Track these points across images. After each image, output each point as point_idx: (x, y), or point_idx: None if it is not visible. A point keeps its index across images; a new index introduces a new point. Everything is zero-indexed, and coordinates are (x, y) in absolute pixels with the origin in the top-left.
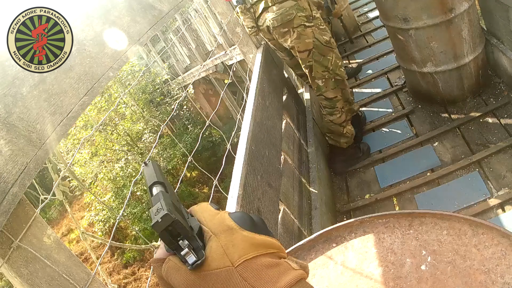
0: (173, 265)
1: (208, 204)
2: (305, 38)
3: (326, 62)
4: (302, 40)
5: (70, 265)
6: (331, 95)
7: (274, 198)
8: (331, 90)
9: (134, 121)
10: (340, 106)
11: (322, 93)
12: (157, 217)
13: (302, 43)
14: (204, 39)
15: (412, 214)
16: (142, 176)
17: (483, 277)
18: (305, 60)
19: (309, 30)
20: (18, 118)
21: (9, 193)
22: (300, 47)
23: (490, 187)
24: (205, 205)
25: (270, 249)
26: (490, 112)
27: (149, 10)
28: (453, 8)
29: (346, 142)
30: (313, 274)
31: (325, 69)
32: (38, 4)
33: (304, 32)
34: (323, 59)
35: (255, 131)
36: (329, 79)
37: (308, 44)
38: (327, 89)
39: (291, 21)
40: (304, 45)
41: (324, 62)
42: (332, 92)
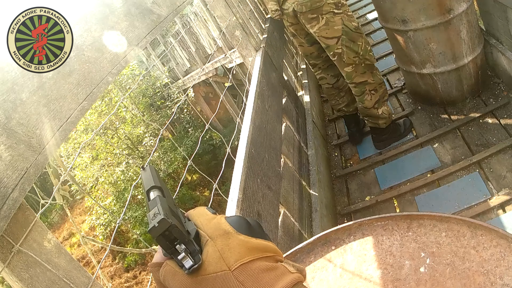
0: (170, 269)
1: (205, 208)
2: (334, 25)
3: (357, 47)
4: (331, 27)
5: (70, 269)
6: (360, 79)
7: (274, 201)
8: (360, 75)
9: (134, 125)
10: (370, 89)
11: (352, 80)
12: (154, 221)
13: (331, 29)
14: (204, 42)
15: (410, 216)
16: (142, 181)
17: (482, 278)
18: (333, 47)
19: (338, 17)
20: (18, 124)
21: (10, 198)
22: (329, 33)
23: (491, 187)
24: (202, 209)
25: (267, 252)
26: (490, 112)
27: (148, 14)
28: (451, 9)
29: (384, 123)
30: (312, 277)
31: (356, 55)
32: (38, 4)
33: (333, 19)
34: (354, 45)
35: (254, 134)
36: (359, 65)
37: (337, 31)
38: (356, 74)
39: (320, 7)
40: (332, 31)
41: (354, 47)
42: (361, 77)
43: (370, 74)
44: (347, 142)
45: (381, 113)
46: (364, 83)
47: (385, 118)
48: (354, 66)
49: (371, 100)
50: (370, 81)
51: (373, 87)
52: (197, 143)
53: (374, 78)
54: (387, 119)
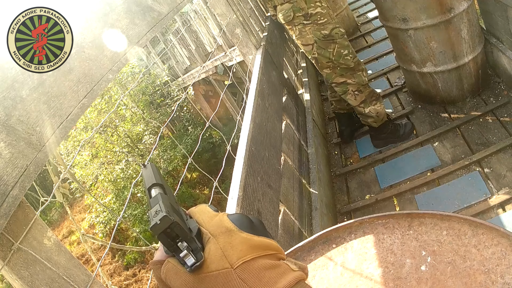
0: (172, 267)
1: (207, 206)
2: (306, 34)
3: (328, 54)
4: (304, 36)
5: (70, 267)
6: (340, 79)
7: (274, 199)
8: (340, 76)
9: (134, 123)
10: (353, 89)
11: (332, 81)
12: (155, 219)
13: (305, 38)
14: (204, 40)
15: (411, 215)
16: (142, 179)
17: (483, 277)
18: (310, 52)
19: (308, 28)
20: (18, 121)
21: (9, 195)
22: (304, 41)
23: (491, 186)
24: (204, 206)
25: (269, 250)
26: (490, 111)
27: (148, 12)
28: (452, 8)
29: (374, 122)
30: (313, 275)
31: (328, 60)
32: (38, 4)
33: (304, 29)
34: (325, 52)
35: (254, 132)
36: (336, 68)
37: (309, 39)
38: (336, 75)
39: (292, 20)
40: (306, 39)
41: (325, 54)
42: (340, 78)
43: (351, 75)
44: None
45: (368, 112)
46: (345, 83)
47: (373, 117)
48: (331, 69)
49: (356, 100)
50: (351, 82)
51: (356, 88)
52: (197, 141)
53: (356, 79)
54: (376, 118)
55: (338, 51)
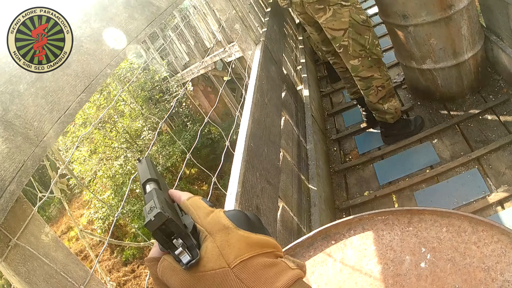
0: (168, 265)
1: (201, 199)
2: (341, 17)
3: (363, 41)
4: (338, 19)
5: (68, 263)
6: (367, 74)
7: (273, 195)
8: (367, 69)
9: (133, 119)
10: (377, 85)
11: (357, 74)
12: (150, 215)
13: (338, 21)
14: (203, 36)
15: (411, 211)
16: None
17: (482, 274)
18: (339, 39)
19: (345, 10)
20: (15, 116)
21: (7, 191)
22: (335, 25)
23: (490, 184)
24: (198, 201)
25: (267, 248)
26: (490, 109)
27: (147, 6)
28: (452, 5)
29: (392, 118)
30: (312, 271)
31: (362, 48)
32: (38, 4)
33: (340, 11)
34: (360, 38)
35: (253, 128)
36: (366, 58)
37: (343, 23)
38: (363, 68)
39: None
40: (339, 23)
41: (361, 41)
42: (367, 71)
43: (377, 69)
44: (346, 136)
45: (387, 108)
46: (371, 78)
47: (391, 113)
48: (360, 60)
49: (376, 95)
50: (377, 76)
51: (380, 83)
52: (195, 137)
53: (381, 74)
54: (394, 114)
55: (372, 40)
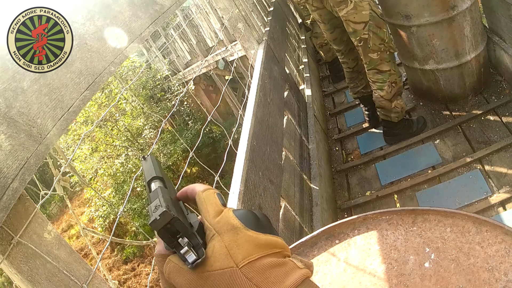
0: (174, 266)
1: (215, 194)
2: (362, 9)
3: (383, 34)
4: (359, 12)
5: (70, 261)
6: (385, 68)
7: (275, 194)
8: (386, 63)
9: (134, 117)
10: (391, 81)
11: (375, 67)
12: (155, 214)
13: (359, 14)
14: (205, 35)
15: (415, 211)
16: (142, 172)
17: (486, 274)
18: (360, 32)
19: (365, 2)
20: (19, 113)
21: (9, 188)
22: (356, 18)
23: (491, 185)
24: (212, 195)
25: (275, 248)
26: (492, 110)
27: (151, 4)
28: (455, 6)
29: (397, 117)
30: (316, 271)
31: (381, 42)
32: (38, 4)
33: (361, 3)
34: (380, 32)
35: (256, 127)
36: (385, 52)
37: (364, 16)
38: (381, 62)
39: None
40: (360, 16)
41: (380, 34)
42: (386, 65)
43: (393, 64)
44: (348, 136)
45: (394, 106)
46: (389, 72)
47: (397, 112)
48: (379, 53)
49: (390, 92)
50: (393, 71)
51: (394, 79)
52: (197, 136)
53: (395, 69)
54: (400, 113)
55: (388, 34)
